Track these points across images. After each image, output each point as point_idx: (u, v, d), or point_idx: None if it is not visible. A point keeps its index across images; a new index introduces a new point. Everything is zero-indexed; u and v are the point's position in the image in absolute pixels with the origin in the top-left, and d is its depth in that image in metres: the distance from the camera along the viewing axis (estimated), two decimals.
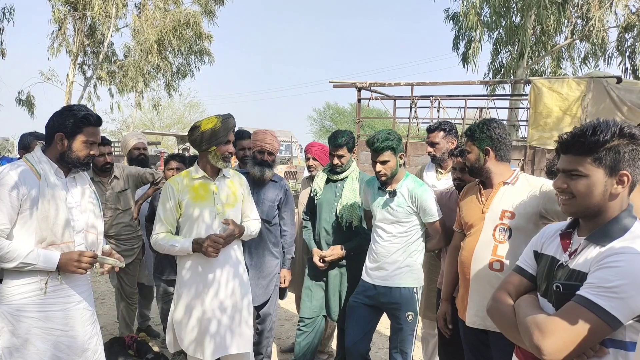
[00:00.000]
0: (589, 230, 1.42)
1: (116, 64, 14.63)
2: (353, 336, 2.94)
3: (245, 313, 2.78)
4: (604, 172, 1.36)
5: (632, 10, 10.86)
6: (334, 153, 3.21)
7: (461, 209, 2.49)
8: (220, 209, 2.69)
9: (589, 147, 1.36)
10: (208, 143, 2.63)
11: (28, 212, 2.03)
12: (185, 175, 2.76)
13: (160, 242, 2.67)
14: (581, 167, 1.38)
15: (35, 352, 2.05)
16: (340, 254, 3.17)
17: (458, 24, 12.64)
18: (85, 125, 2.14)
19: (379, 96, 8.54)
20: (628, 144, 1.35)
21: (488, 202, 2.32)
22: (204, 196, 2.68)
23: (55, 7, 13.44)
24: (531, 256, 1.60)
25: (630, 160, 1.35)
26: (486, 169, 2.33)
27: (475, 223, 2.34)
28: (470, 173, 2.44)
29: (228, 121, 2.67)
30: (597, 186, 1.36)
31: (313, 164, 3.81)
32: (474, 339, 2.36)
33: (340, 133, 3.22)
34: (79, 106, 2.25)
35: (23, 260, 2.00)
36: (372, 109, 27.91)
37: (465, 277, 2.34)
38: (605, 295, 1.25)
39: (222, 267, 2.69)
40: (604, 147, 1.35)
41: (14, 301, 2.04)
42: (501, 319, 1.55)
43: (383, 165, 2.78)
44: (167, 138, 27.81)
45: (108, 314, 4.84)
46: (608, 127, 1.35)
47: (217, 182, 2.73)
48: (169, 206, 2.68)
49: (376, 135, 2.80)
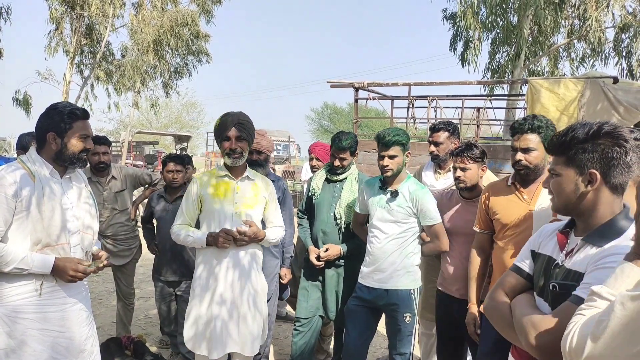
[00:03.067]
0: (584, 231, 1.43)
1: (113, 64, 14.59)
2: (353, 339, 2.94)
3: (257, 313, 2.79)
4: (574, 171, 1.39)
5: (628, 11, 10.90)
6: (336, 155, 3.19)
7: (494, 210, 2.48)
8: (238, 208, 2.71)
9: (562, 147, 1.41)
10: (217, 141, 2.74)
11: (23, 214, 2.02)
12: (212, 172, 2.81)
13: (177, 233, 2.74)
14: (557, 166, 1.44)
15: (31, 353, 2.04)
16: (337, 252, 3.16)
17: (455, 24, 12.65)
18: (73, 121, 2.14)
19: (377, 96, 8.54)
20: (601, 143, 1.35)
21: (534, 200, 2.36)
22: (223, 194, 2.71)
23: (52, 7, 13.40)
24: (528, 255, 1.61)
25: (602, 160, 1.35)
26: (544, 168, 2.37)
27: (520, 222, 2.37)
28: (532, 171, 2.40)
29: (225, 117, 2.70)
30: (567, 185, 1.41)
31: (316, 164, 3.83)
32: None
33: (345, 135, 3.18)
34: (63, 103, 2.24)
35: (17, 265, 1.98)
36: (370, 109, 27.88)
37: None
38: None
39: (237, 266, 2.70)
40: (574, 147, 1.38)
41: (10, 302, 2.03)
42: (498, 318, 1.55)
43: (390, 160, 2.77)
44: (164, 138, 27.76)
45: (105, 314, 4.83)
46: (583, 128, 1.38)
47: (240, 183, 2.76)
48: (191, 200, 2.74)
49: (387, 130, 2.82)
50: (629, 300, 0.94)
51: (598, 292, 1.10)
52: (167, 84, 15.62)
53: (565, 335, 1.12)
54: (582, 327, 1.08)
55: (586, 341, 1.02)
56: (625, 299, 0.95)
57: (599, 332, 0.99)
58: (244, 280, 2.71)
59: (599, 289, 1.10)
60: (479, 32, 11.22)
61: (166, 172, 3.76)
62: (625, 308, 0.94)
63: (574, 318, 1.13)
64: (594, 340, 1.00)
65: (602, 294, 1.09)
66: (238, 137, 2.66)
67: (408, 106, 8.10)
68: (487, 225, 2.55)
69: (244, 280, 2.71)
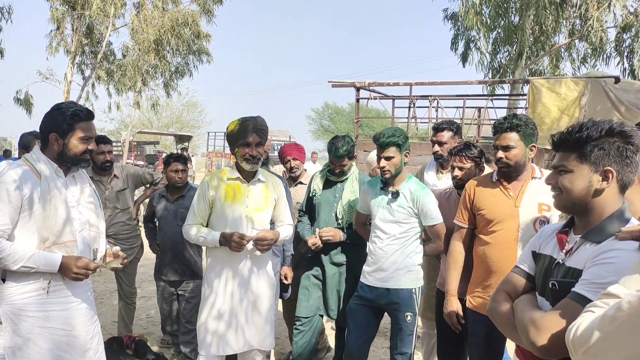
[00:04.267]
0: (583, 229, 1.44)
1: (114, 64, 14.59)
2: (354, 339, 2.94)
3: (270, 312, 2.83)
4: (589, 167, 1.39)
5: (630, 11, 10.87)
6: (335, 163, 3.19)
7: (479, 205, 2.50)
8: (249, 212, 2.73)
9: (575, 143, 1.40)
10: (232, 145, 2.72)
11: (29, 212, 2.03)
12: (224, 173, 2.81)
13: (190, 232, 2.75)
14: (567, 162, 1.42)
15: (37, 351, 2.05)
16: (338, 235, 3.15)
17: (457, 24, 12.63)
18: (76, 122, 2.13)
19: (378, 96, 8.55)
20: (615, 141, 1.36)
21: (519, 196, 2.39)
22: (235, 197, 2.73)
23: (53, 7, 13.41)
24: (529, 256, 1.61)
25: (617, 157, 1.36)
26: (526, 165, 2.41)
27: (506, 218, 2.40)
28: (512, 169, 2.43)
29: (245, 123, 2.69)
30: (580, 181, 1.40)
31: (295, 164, 3.76)
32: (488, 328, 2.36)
33: (340, 143, 3.13)
34: (67, 103, 2.23)
35: (24, 263, 1.99)
36: (371, 108, 27.88)
37: (490, 269, 2.39)
38: (599, 291, 1.26)
39: (250, 265, 2.74)
40: (589, 144, 1.38)
41: (16, 301, 2.04)
42: (500, 319, 1.56)
43: (387, 162, 2.76)
44: (165, 138, 27.77)
45: (107, 313, 4.84)
46: (596, 126, 1.38)
47: (251, 186, 2.77)
48: (202, 200, 2.75)
49: (383, 131, 2.80)
50: (637, 299, 0.95)
51: (616, 293, 1.08)
52: (168, 83, 15.60)
53: (571, 326, 1.12)
54: (590, 321, 1.08)
55: (592, 333, 1.03)
56: (633, 298, 0.95)
57: (605, 326, 1.00)
58: (258, 277, 2.76)
59: (615, 290, 1.09)
60: (483, 32, 11.20)
61: (170, 172, 3.76)
62: (632, 306, 0.95)
63: (583, 313, 1.13)
64: (599, 331, 1.01)
65: (619, 295, 1.08)
66: (258, 143, 2.69)
67: (409, 106, 8.10)
68: (470, 219, 2.58)
69: (258, 278, 2.76)
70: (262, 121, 2.74)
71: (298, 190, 3.77)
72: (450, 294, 2.65)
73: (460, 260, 2.62)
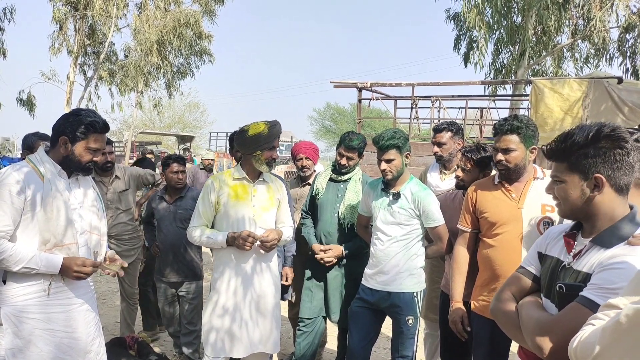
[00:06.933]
0: (591, 233, 1.43)
1: (117, 64, 14.62)
2: (356, 341, 2.93)
3: (276, 313, 2.85)
4: (579, 176, 1.38)
5: (633, 11, 10.83)
6: (344, 153, 3.18)
7: (482, 208, 2.48)
8: (256, 211, 2.76)
9: (563, 153, 1.40)
10: (254, 147, 2.72)
11: (31, 214, 2.03)
12: (228, 174, 2.84)
13: (194, 234, 2.76)
14: (559, 173, 1.43)
15: (38, 353, 2.04)
16: (339, 253, 3.16)
17: (459, 24, 12.62)
18: (90, 132, 2.12)
19: (380, 96, 8.54)
20: (602, 146, 1.34)
21: (522, 198, 2.37)
22: (241, 197, 2.76)
23: (55, 7, 13.44)
24: (535, 257, 1.60)
25: (605, 163, 1.34)
26: (526, 167, 2.39)
27: (509, 220, 2.38)
28: (512, 171, 2.42)
29: (275, 128, 2.74)
30: (574, 191, 1.40)
31: (306, 164, 3.67)
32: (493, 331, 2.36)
33: (355, 135, 3.18)
34: (87, 111, 2.22)
35: (25, 265, 1.99)
36: (373, 109, 27.90)
37: (495, 272, 2.38)
38: (608, 296, 1.25)
39: (255, 266, 2.76)
40: (575, 153, 1.37)
41: (17, 302, 2.03)
42: (504, 320, 1.55)
43: (388, 164, 2.75)
44: (167, 138, 27.82)
45: (109, 314, 4.84)
46: (582, 131, 1.36)
47: (257, 186, 2.81)
48: (208, 201, 2.77)
49: (382, 133, 2.79)
50: (633, 312, 0.94)
51: (616, 304, 1.07)
52: (170, 84, 15.62)
53: (573, 339, 1.12)
54: (591, 334, 1.07)
55: (594, 346, 1.02)
56: (631, 311, 0.95)
57: (604, 339, 0.99)
58: (263, 278, 2.78)
59: (616, 301, 1.07)
60: (484, 32, 11.17)
61: (170, 173, 3.73)
62: (629, 319, 0.94)
63: (585, 326, 1.12)
64: (600, 345, 1.00)
65: (620, 306, 1.07)
66: (277, 147, 2.82)
67: (411, 106, 8.09)
68: (473, 223, 2.56)
69: (263, 279, 2.78)
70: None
71: (305, 191, 3.66)
72: (455, 300, 2.63)
73: (465, 266, 2.60)
